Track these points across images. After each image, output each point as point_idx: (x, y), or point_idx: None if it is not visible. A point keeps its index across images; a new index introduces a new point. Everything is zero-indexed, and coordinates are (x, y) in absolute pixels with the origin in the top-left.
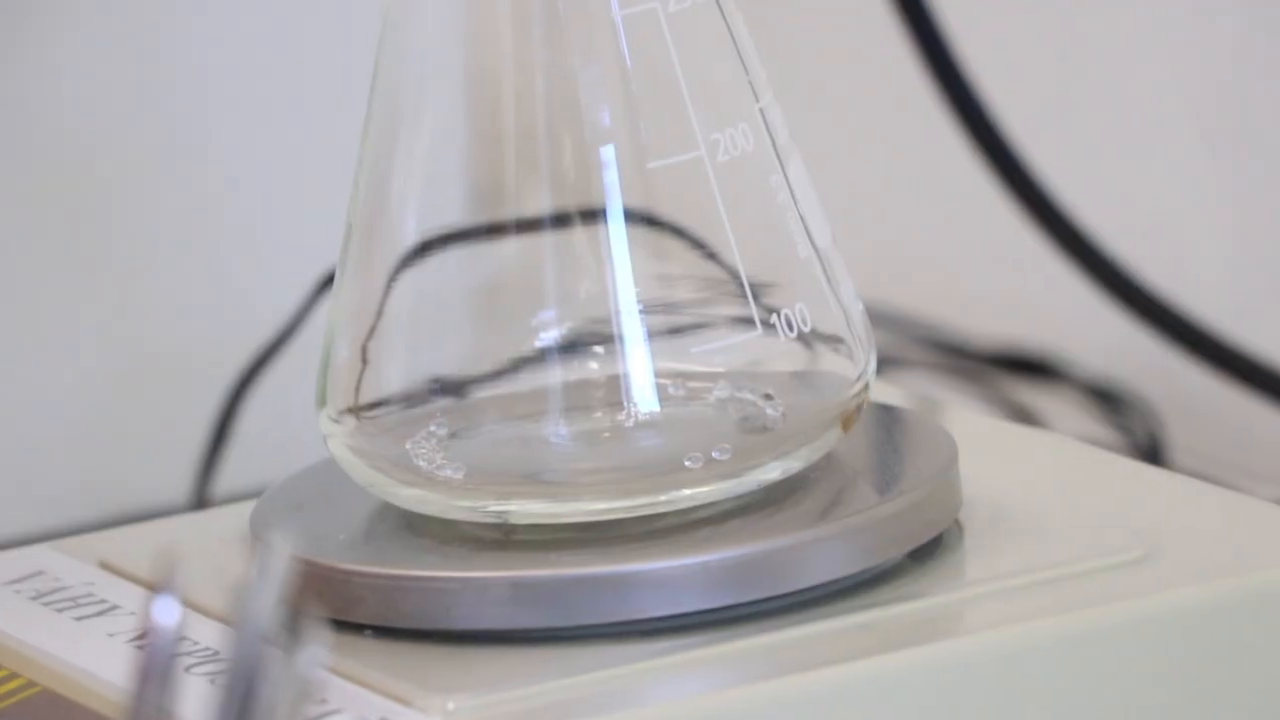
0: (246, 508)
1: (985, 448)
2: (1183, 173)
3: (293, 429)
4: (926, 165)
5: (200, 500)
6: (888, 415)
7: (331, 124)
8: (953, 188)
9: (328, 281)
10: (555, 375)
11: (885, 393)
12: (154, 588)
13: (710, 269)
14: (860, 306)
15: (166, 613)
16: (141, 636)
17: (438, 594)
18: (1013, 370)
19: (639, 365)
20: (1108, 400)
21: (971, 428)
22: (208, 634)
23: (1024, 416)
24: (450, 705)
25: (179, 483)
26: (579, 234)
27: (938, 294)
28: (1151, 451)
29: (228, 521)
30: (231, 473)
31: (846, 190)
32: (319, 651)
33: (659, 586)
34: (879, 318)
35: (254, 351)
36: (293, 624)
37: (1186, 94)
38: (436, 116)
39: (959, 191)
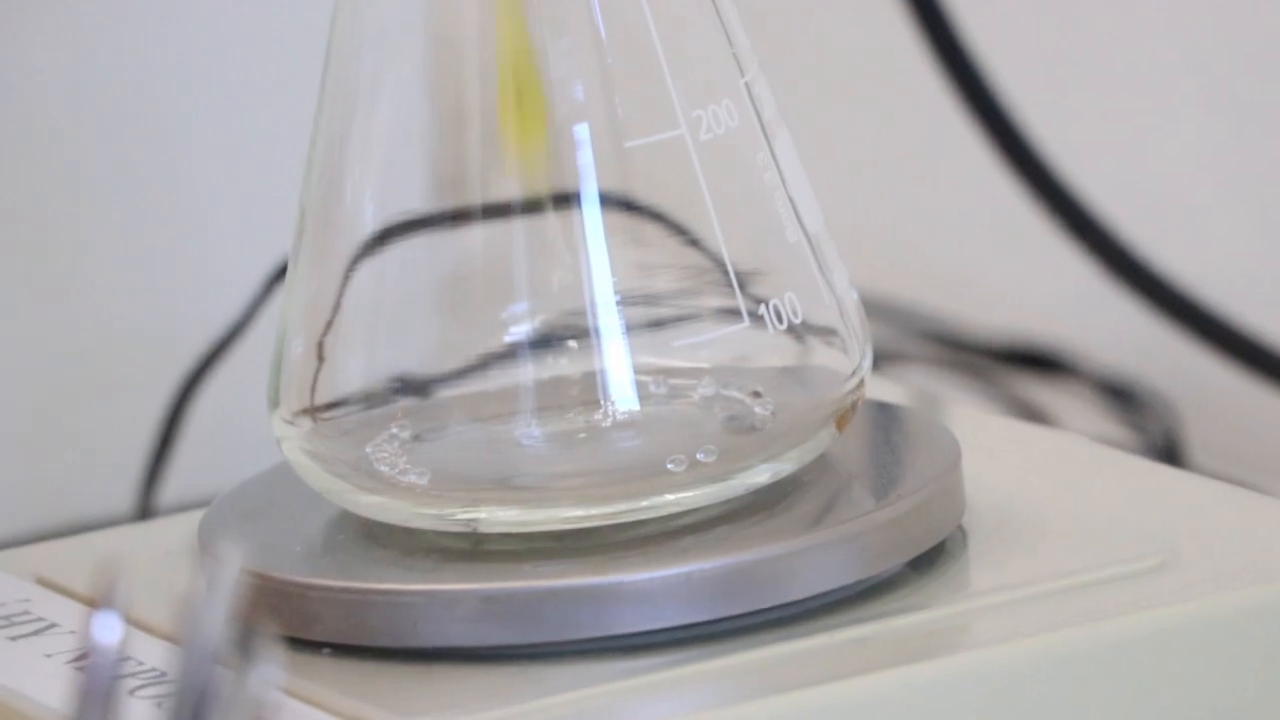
0: (194, 518)
1: (990, 448)
2: (1201, 152)
3: (243, 432)
4: (925, 143)
5: (144, 510)
6: (885, 414)
7: (283, 101)
8: (953, 167)
9: (280, 272)
10: (527, 372)
11: (882, 389)
12: (95, 603)
13: (693, 256)
14: (855, 296)
15: (108, 630)
16: (81, 656)
17: (401, 609)
18: (1019, 365)
19: (617, 361)
20: (1121, 397)
21: (975, 427)
22: (153, 653)
23: (1031, 415)
24: None
25: (121, 491)
26: (551, 220)
27: (938, 283)
28: (1168, 451)
29: (174, 532)
30: (177, 480)
31: (838, 170)
32: (273, 672)
33: (639, 599)
34: (874, 308)
35: (201, 349)
36: (245, 642)
37: (1204, 66)
38: (396, 93)
39: (960, 171)
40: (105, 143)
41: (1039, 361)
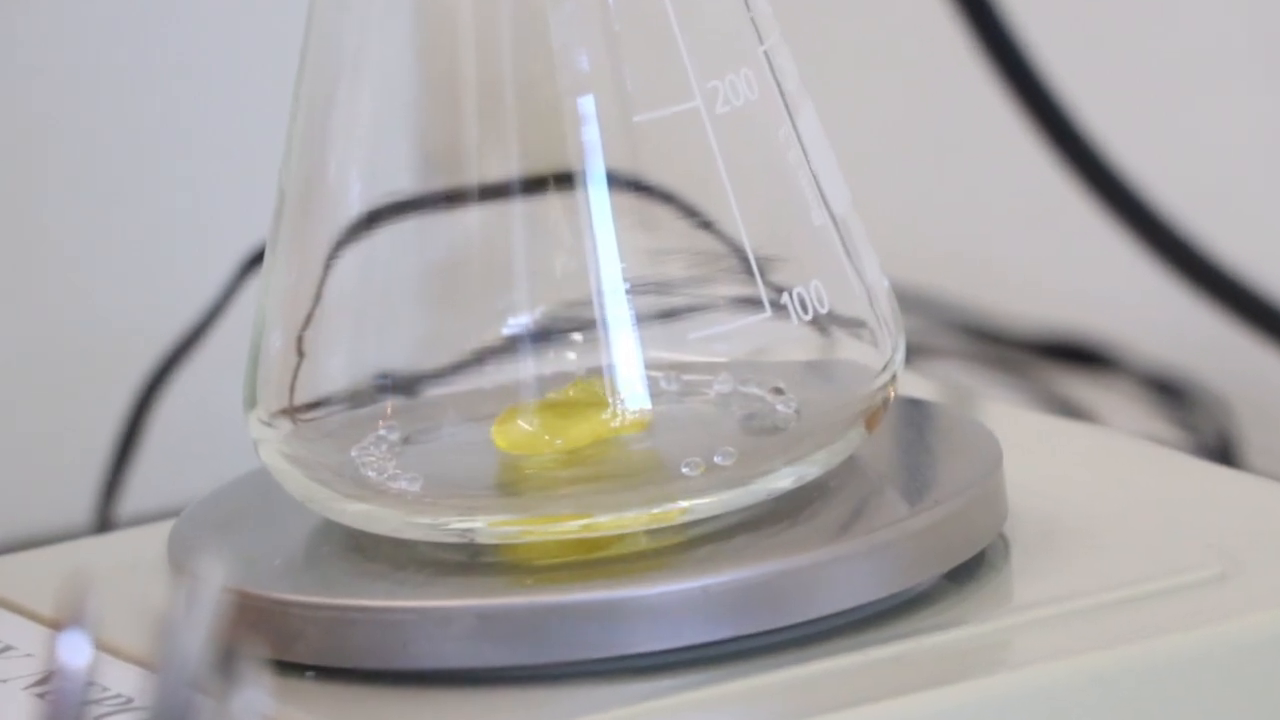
0: (161, 530)
1: (1031, 448)
2: (1261, 128)
3: (215, 435)
4: (957, 117)
5: (103, 521)
6: (918, 411)
7: (262, 72)
8: (988, 143)
9: (256, 258)
10: (526, 368)
11: (912, 385)
12: (59, 623)
13: (708, 241)
14: (886, 284)
15: (76, 652)
16: (44, 681)
17: (391, 628)
18: (1058, 359)
19: (626, 355)
20: (1170, 394)
21: (1013, 424)
22: (122, 679)
23: (1072, 413)
24: None
25: (78, 500)
26: (553, 202)
27: (970, 270)
28: (1222, 451)
29: (139, 546)
30: (140, 488)
31: (864, 147)
32: (258, 698)
33: (652, 616)
34: (902, 298)
35: (167, 343)
36: (225, 666)
37: (1259, 35)
38: (384, 60)
39: (995, 148)
40: (61, 117)
41: (1080, 355)
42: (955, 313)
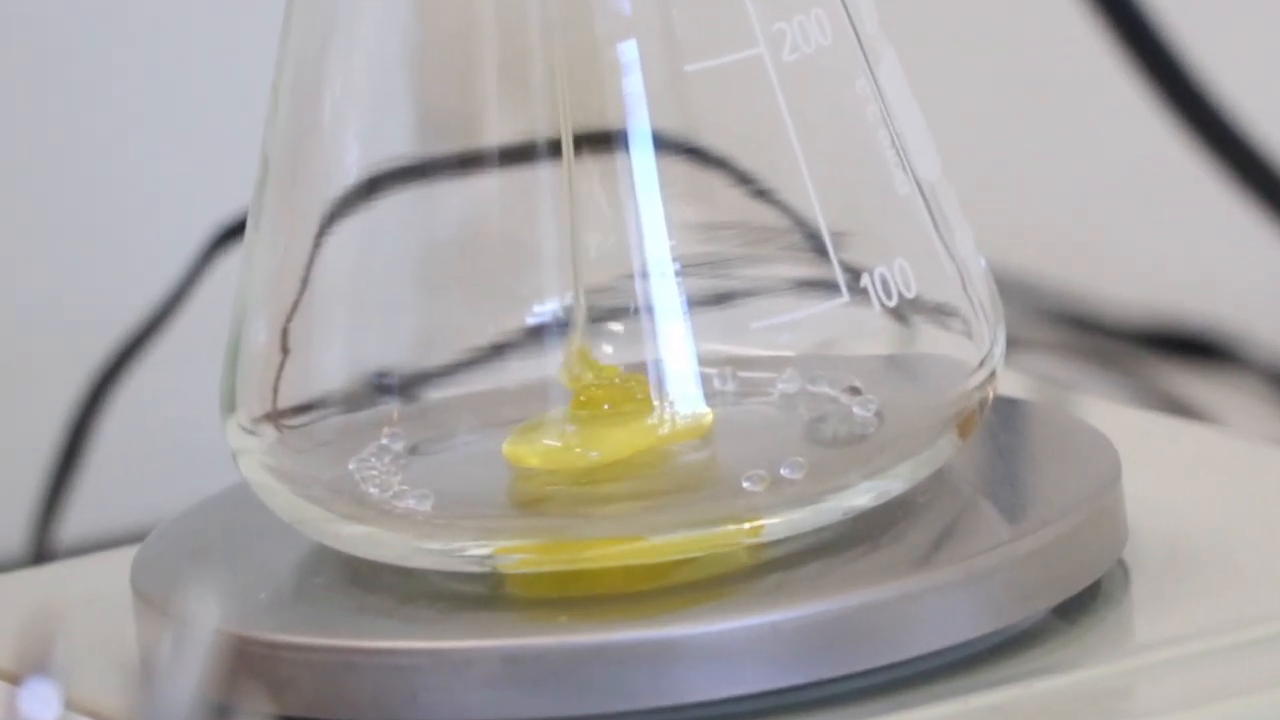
0: (117, 559)
1: (1148, 456)
2: None
3: (179, 446)
4: (1059, 70)
5: (40, 549)
6: (1017, 413)
7: (242, 17)
8: (1090, 101)
9: (227, 235)
10: (555, 365)
11: (1008, 383)
12: (19, 671)
13: (772, 214)
14: (982, 263)
15: (41, 705)
16: None
17: (398, 674)
18: (1170, 352)
19: (675, 349)
20: None
21: (1124, 427)
22: None
23: (1185, 415)
24: None
25: (8, 525)
26: (587, 166)
27: (1068, 250)
28: None
29: (89, 579)
30: (86, 510)
31: (953, 106)
32: None
33: (710, 659)
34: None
35: (118, 336)
36: None
37: None
38: (385, 4)
39: (1098, 106)
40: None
41: (1194, 348)
42: (1048, 298)
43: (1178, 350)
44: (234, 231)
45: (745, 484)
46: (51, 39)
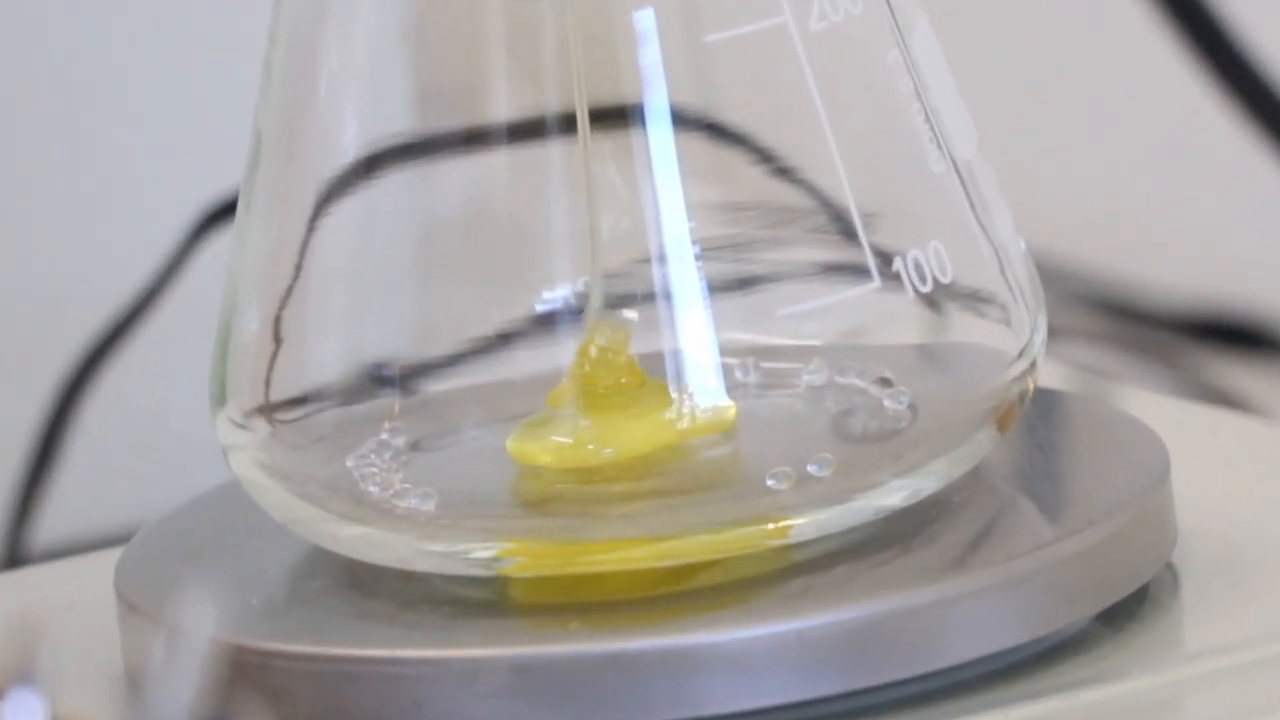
0: (98, 562)
1: (1196, 451)
2: None
3: (161, 442)
4: (1101, 44)
5: (14, 552)
6: (1058, 406)
7: None
8: (1137, 75)
9: (216, 216)
10: (566, 354)
11: (1046, 373)
12: (3, 680)
13: (798, 194)
14: (1022, 246)
15: (25, 717)
16: None
17: (400, 683)
18: (1215, 340)
19: (695, 337)
20: None
21: (1169, 420)
22: None
23: (1232, 406)
24: None
25: None
26: (600, 143)
27: (1107, 233)
28: None
29: (68, 584)
30: (62, 510)
31: (989, 78)
32: None
33: (731, 668)
34: None
35: (98, 325)
36: None
37: None
38: None
39: (1146, 82)
40: None
41: (1241, 336)
42: (1086, 284)
43: (1223, 338)
44: (223, 212)
45: (770, 482)
46: (31, 14)
